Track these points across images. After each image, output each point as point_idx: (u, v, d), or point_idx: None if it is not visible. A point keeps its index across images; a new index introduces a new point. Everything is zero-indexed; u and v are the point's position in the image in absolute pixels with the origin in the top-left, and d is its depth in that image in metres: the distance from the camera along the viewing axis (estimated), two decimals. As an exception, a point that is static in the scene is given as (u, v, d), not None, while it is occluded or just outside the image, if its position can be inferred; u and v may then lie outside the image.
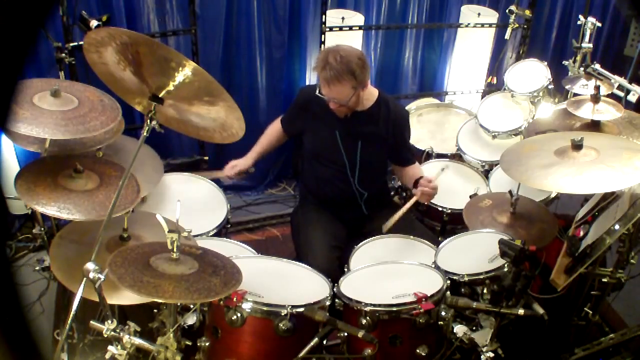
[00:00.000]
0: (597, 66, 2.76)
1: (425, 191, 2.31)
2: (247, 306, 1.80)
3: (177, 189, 2.47)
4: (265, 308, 1.81)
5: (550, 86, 3.10)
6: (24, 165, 1.93)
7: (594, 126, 2.41)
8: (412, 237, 2.36)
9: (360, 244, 2.31)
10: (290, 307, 1.81)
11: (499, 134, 3.02)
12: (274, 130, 2.65)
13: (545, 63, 3.17)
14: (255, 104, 3.62)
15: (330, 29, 3.24)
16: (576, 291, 2.24)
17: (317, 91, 2.30)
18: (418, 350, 1.89)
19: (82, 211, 1.77)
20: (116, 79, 1.72)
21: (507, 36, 3.48)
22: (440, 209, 2.69)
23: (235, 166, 2.57)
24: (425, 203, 2.45)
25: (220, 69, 3.45)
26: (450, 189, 2.77)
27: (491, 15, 3.80)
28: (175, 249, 1.60)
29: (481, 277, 2.02)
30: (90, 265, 1.48)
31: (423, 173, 2.52)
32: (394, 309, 1.85)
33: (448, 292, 1.95)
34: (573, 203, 2.65)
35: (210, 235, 2.30)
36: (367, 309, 1.85)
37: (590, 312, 2.29)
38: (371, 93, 2.42)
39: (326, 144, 2.43)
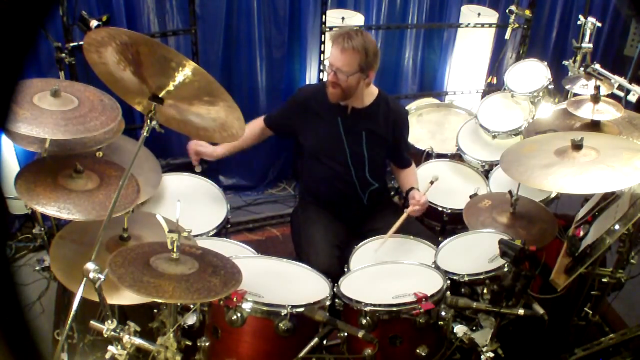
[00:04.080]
0: (597, 66, 2.76)
1: (415, 210, 2.37)
2: (247, 306, 1.80)
3: (177, 189, 2.46)
4: (265, 308, 1.81)
5: (550, 86, 3.10)
6: (24, 165, 1.93)
7: (594, 126, 2.41)
8: (412, 237, 2.36)
9: (360, 244, 2.31)
10: (290, 307, 1.81)
11: (499, 134, 3.02)
12: (254, 127, 2.57)
13: (545, 63, 3.17)
14: (255, 104, 3.62)
15: (330, 29, 3.24)
16: (576, 291, 2.24)
17: (322, 60, 2.33)
18: (418, 350, 1.89)
19: (82, 211, 1.77)
20: (116, 79, 1.72)
21: (507, 36, 3.48)
22: (440, 209, 2.69)
23: (200, 144, 2.47)
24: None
25: (220, 69, 3.45)
26: (450, 189, 2.78)
27: (491, 15, 3.81)
28: (175, 249, 1.60)
29: (481, 277, 2.02)
30: (90, 265, 1.48)
31: (416, 181, 2.58)
32: (394, 309, 1.85)
33: (448, 292, 1.95)
34: (573, 203, 2.65)
35: (210, 235, 2.30)
36: (367, 309, 1.85)
37: (590, 312, 2.29)
38: (372, 91, 2.44)
39: (328, 140, 2.43)
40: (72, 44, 2.51)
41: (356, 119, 2.42)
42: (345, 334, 1.89)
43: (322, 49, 3.29)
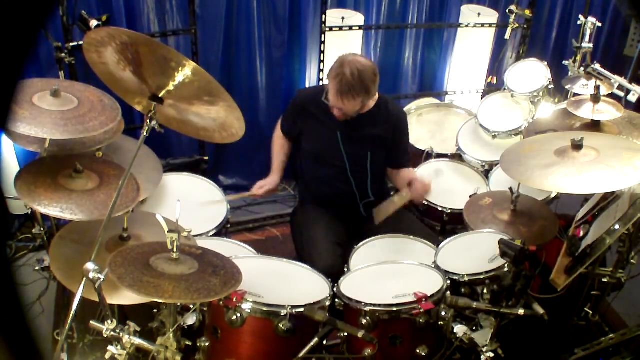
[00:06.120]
0: (597, 66, 2.76)
1: (418, 188, 2.33)
2: (247, 306, 1.80)
3: (177, 189, 2.46)
4: (265, 308, 1.81)
5: (550, 86, 3.10)
6: (24, 166, 1.93)
7: (594, 126, 2.41)
8: (412, 237, 2.36)
9: (360, 244, 2.31)
10: (290, 307, 1.81)
11: (499, 134, 3.02)
12: (281, 138, 2.63)
13: (545, 63, 3.17)
14: (255, 104, 3.62)
15: (330, 29, 3.24)
16: (576, 291, 2.24)
17: (324, 97, 2.32)
18: (418, 350, 1.90)
19: (85, 211, 1.77)
20: (116, 79, 1.72)
21: (507, 36, 3.48)
22: (440, 209, 2.69)
23: (263, 186, 2.54)
24: (420, 201, 2.44)
25: (220, 69, 3.45)
26: (450, 189, 2.78)
27: (491, 15, 3.80)
28: (175, 249, 1.60)
29: (481, 277, 2.02)
30: (90, 265, 1.48)
31: (417, 176, 2.54)
32: (394, 309, 1.85)
33: (448, 292, 1.95)
34: (573, 203, 2.65)
35: (210, 235, 2.30)
36: (367, 309, 1.85)
37: (590, 312, 2.29)
38: None
39: (327, 145, 2.43)
40: (72, 44, 2.51)
41: (357, 125, 2.40)
42: (345, 334, 1.89)
43: (322, 49, 3.29)
